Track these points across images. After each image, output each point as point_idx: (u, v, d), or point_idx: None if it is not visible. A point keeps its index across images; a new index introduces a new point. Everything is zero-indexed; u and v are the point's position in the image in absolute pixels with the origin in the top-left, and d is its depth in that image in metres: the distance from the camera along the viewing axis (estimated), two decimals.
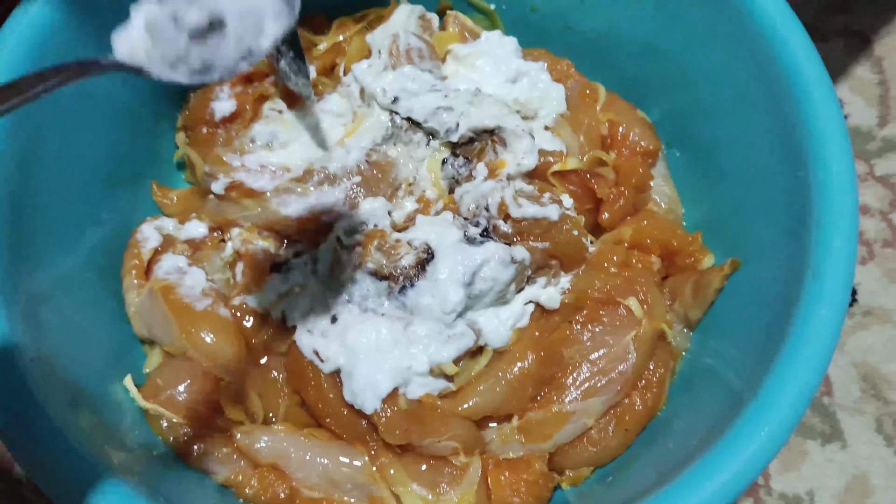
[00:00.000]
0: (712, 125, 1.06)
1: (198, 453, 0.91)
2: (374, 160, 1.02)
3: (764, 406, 0.78)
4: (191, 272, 1.00)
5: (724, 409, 0.85)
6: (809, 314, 0.79)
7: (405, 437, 0.90)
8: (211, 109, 1.06)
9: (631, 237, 1.03)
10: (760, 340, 0.88)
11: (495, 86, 1.10)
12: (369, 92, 1.05)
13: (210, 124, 1.07)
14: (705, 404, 0.93)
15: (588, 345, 0.96)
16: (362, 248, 0.95)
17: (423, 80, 1.05)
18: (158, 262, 1.01)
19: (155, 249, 1.02)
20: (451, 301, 0.91)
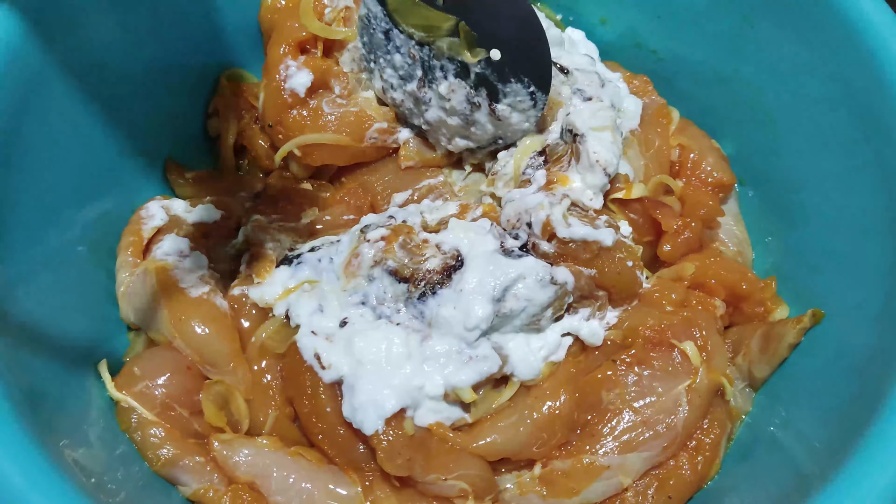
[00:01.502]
0: (795, 162, 0.96)
1: (166, 458, 0.80)
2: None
3: (841, 496, 0.64)
4: (193, 256, 0.91)
5: (789, 491, 0.72)
6: None
7: (407, 469, 0.78)
8: (290, 90, 0.97)
9: (694, 275, 0.91)
10: (843, 413, 0.75)
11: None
12: None
13: (297, 104, 0.98)
14: (766, 481, 0.80)
15: (633, 390, 0.84)
16: (385, 242, 0.85)
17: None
18: (159, 242, 0.93)
19: (158, 228, 0.94)
20: (475, 316, 0.80)
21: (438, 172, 1.00)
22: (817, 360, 0.84)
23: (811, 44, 0.90)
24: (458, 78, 0.87)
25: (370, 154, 1.00)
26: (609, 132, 0.93)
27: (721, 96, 1.05)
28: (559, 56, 1.02)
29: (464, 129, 0.92)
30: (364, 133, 0.98)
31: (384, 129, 0.99)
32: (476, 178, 1.00)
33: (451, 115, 0.90)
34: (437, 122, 0.92)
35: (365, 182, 1.00)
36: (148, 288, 0.88)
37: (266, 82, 0.99)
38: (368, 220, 0.91)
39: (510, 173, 0.95)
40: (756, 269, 1.00)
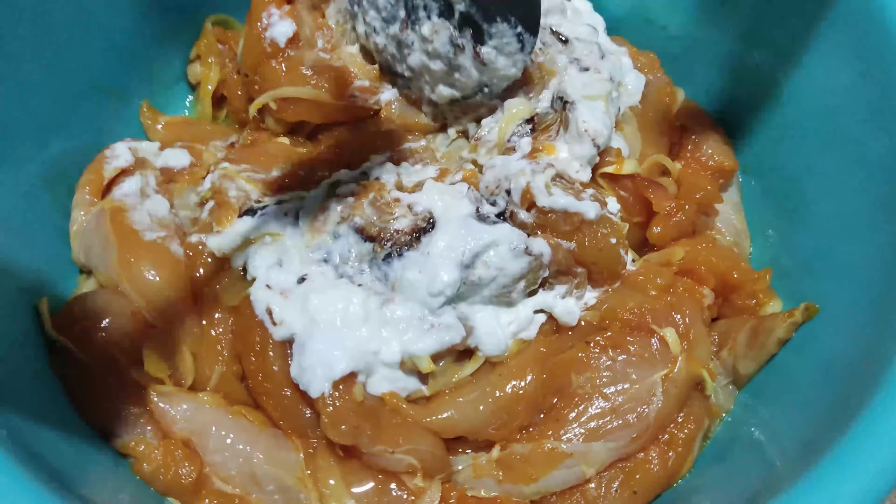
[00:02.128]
0: (801, 151, 0.90)
1: (98, 407, 0.75)
2: None
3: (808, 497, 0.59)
4: (153, 199, 0.87)
5: (760, 495, 0.66)
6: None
7: (352, 437, 0.73)
8: (270, 38, 0.93)
9: (683, 260, 0.86)
10: (826, 417, 0.69)
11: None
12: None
13: (277, 54, 0.94)
14: (740, 485, 0.74)
15: (605, 375, 0.78)
16: (355, 198, 0.81)
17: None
18: (121, 183, 0.88)
19: (122, 170, 0.90)
20: (440, 281, 0.75)
21: (421, 137, 0.95)
22: (807, 359, 0.78)
23: (831, 27, 0.84)
24: (442, 17, 0.82)
25: (350, 113, 0.95)
26: (602, 101, 0.87)
27: (730, 79, 1.00)
28: (559, 24, 0.97)
29: (447, 75, 0.86)
30: (345, 90, 0.93)
31: (366, 88, 0.94)
32: (460, 145, 0.95)
33: (434, 59, 0.85)
34: (420, 68, 0.87)
35: (342, 141, 0.95)
36: (101, 228, 0.83)
37: (247, 29, 0.95)
38: (340, 175, 0.87)
39: (494, 140, 0.90)
40: (753, 262, 0.94)
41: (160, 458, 0.74)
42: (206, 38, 1.05)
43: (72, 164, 0.91)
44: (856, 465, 0.59)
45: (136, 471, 0.74)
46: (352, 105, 0.94)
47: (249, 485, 0.75)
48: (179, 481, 0.73)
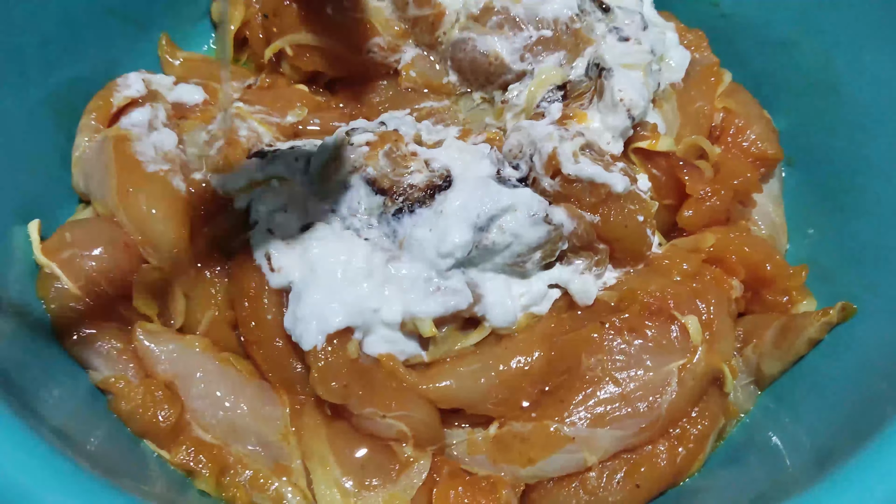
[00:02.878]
0: (857, 142, 0.85)
1: (80, 337, 0.72)
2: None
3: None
4: (161, 132, 0.83)
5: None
6: None
7: (342, 396, 0.69)
8: None
9: (713, 247, 0.80)
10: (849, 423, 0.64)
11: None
12: None
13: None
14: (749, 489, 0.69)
15: (618, 359, 0.74)
16: (370, 148, 0.77)
17: None
18: (129, 112, 0.85)
19: (132, 100, 0.87)
20: (451, 241, 0.71)
21: (444, 98, 0.91)
22: (839, 364, 0.73)
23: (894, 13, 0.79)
24: None
25: (368, 69, 0.91)
26: (640, 72, 0.82)
27: (782, 63, 0.94)
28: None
29: None
30: (363, 45, 0.89)
31: (386, 46, 0.90)
32: (484, 109, 0.91)
33: None
34: None
35: (361, 94, 0.91)
36: (103, 155, 0.80)
37: None
38: (357, 123, 0.83)
39: (522, 104, 0.85)
40: (789, 260, 0.88)
41: (140, 397, 0.70)
42: None
43: (82, 91, 0.88)
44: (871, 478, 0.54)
45: (114, 408, 0.71)
46: (369, 61, 0.90)
47: (229, 436, 0.71)
48: (157, 424, 0.70)
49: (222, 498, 0.70)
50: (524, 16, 0.85)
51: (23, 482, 0.51)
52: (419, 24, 0.88)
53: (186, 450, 0.70)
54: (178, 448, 0.70)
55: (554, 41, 0.84)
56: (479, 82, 0.88)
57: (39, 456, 0.53)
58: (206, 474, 0.69)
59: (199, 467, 0.70)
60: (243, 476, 0.70)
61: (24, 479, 0.51)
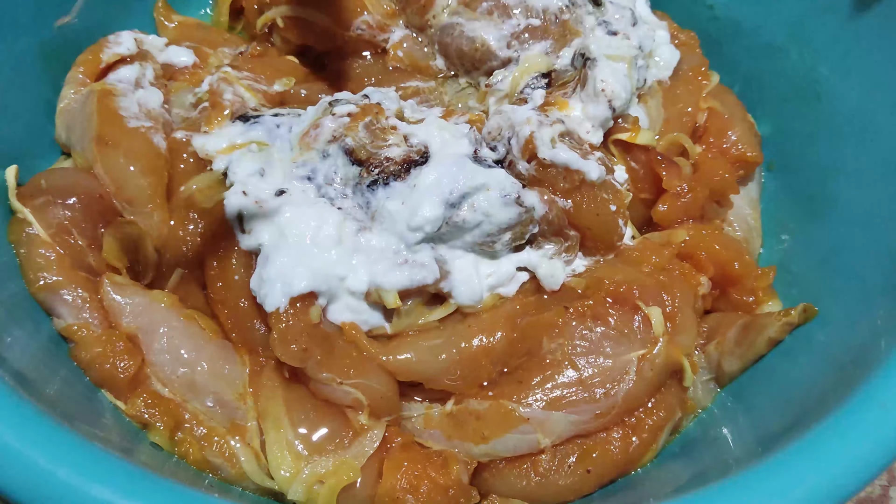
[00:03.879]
0: (835, 148, 0.85)
1: (47, 283, 0.73)
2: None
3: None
4: (147, 90, 0.84)
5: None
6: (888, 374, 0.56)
7: (300, 359, 0.69)
8: None
9: (684, 243, 0.81)
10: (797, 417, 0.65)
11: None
12: None
13: None
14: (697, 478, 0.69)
15: (579, 344, 0.74)
16: (351, 119, 0.77)
17: None
18: (117, 69, 0.86)
19: (122, 57, 0.87)
20: (421, 215, 0.72)
21: (430, 79, 0.91)
22: (796, 365, 0.74)
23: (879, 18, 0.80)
24: None
25: (356, 46, 0.92)
26: (625, 64, 0.83)
27: (769, 69, 0.95)
28: None
29: None
30: (352, 21, 0.90)
31: (375, 24, 0.91)
32: (469, 93, 0.91)
33: None
34: None
35: (348, 69, 0.92)
36: (86, 107, 0.81)
37: None
38: (341, 95, 0.83)
39: (506, 89, 0.86)
40: (760, 264, 0.90)
41: (100, 347, 0.71)
42: None
43: (72, 44, 0.89)
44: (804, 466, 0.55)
45: (74, 356, 0.72)
46: (358, 38, 0.91)
47: (188, 392, 0.72)
48: (116, 374, 0.70)
49: (174, 452, 0.70)
50: (514, 3, 0.86)
51: None
52: (410, 5, 0.89)
53: (143, 402, 0.70)
54: (134, 400, 0.71)
55: (542, 30, 0.85)
56: (465, 68, 0.89)
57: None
58: (161, 428, 0.70)
59: (153, 421, 0.70)
60: (198, 432, 0.71)
61: None
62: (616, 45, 0.85)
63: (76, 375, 0.71)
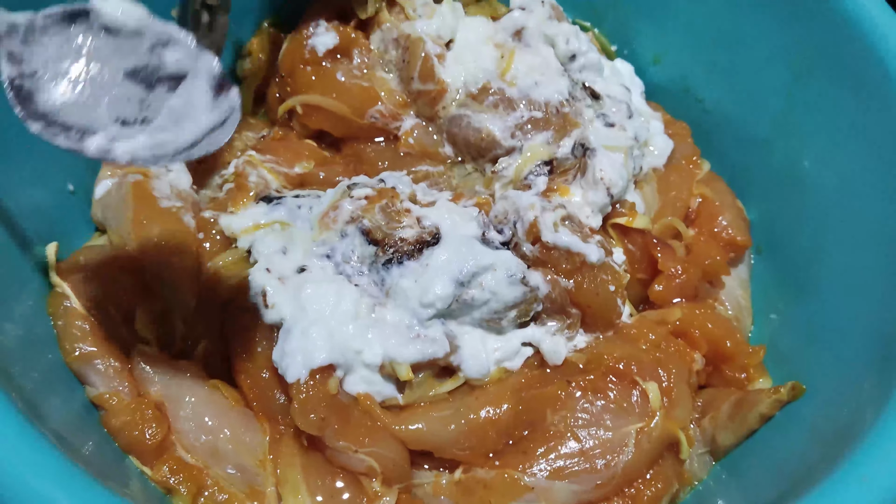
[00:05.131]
0: (818, 233, 0.92)
1: (82, 353, 0.78)
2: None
3: None
4: (177, 172, 0.91)
5: None
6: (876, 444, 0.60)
7: (319, 428, 0.74)
8: (311, 46, 0.99)
9: (679, 321, 0.86)
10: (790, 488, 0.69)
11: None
12: (549, 34, 0.98)
13: (312, 61, 0.99)
14: None
15: (581, 417, 0.79)
16: (368, 202, 0.83)
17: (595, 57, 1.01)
18: None
19: None
20: (433, 293, 0.77)
21: (439, 164, 0.98)
22: (787, 439, 0.78)
23: (857, 112, 0.87)
24: None
25: (369, 132, 1.00)
26: (622, 154, 0.90)
27: (756, 158, 1.02)
28: (594, 81, 1.01)
29: None
30: (366, 110, 0.98)
31: (388, 113, 0.98)
32: (475, 178, 0.98)
33: None
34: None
35: (362, 153, 0.99)
36: (122, 189, 0.87)
37: (293, 34, 1.01)
38: (359, 179, 0.90)
39: (510, 176, 0.92)
40: (751, 342, 0.95)
41: (130, 416, 0.75)
42: (260, 37, 1.10)
43: None
44: None
45: (105, 423, 0.76)
46: (371, 125, 0.98)
47: (210, 458, 0.76)
48: (144, 440, 0.74)
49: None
50: (518, 97, 0.93)
51: (22, 473, 0.55)
52: (421, 97, 0.96)
53: (168, 468, 0.74)
54: (160, 465, 0.75)
55: (544, 122, 0.92)
56: (472, 155, 0.96)
57: (40, 450, 0.57)
58: (184, 493, 0.73)
59: (178, 486, 0.74)
60: (219, 498, 0.75)
61: (24, 470, 0.56)
62: (613, 137, 0.92)
63: (106, 442, 0.75)
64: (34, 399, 0.68)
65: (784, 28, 0.95)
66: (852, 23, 0.87)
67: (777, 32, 0.96)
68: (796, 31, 0.94)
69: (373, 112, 0.98)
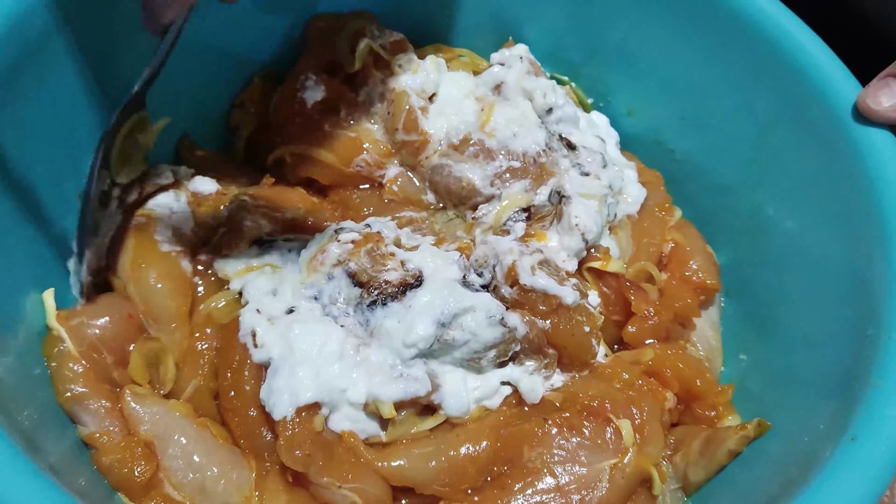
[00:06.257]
0: (781, 278, 0.95)
1: (74, 393, 0.79)
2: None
3: None
4: (182, 214, 0.93)
5: None
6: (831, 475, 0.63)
7: (304, 464, 0.76)
8: (300, 98, 1.03)
9: (651, 361, 0.90)
10: None
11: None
12: (527, 88, 1.02)
13: (301, 113, 1.03)
14: None
15: (556, 453, 0.81)
16: (354, 246, 0.87)
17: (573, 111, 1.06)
18: (156, 196, 0.95)
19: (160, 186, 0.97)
20: (415, 333, 0.80)
21: (422, 210, 1.02)
22: (753, 475, 0.81)
23: (816, 164, 0.91)
24: None
25: (355, 179, 1.03)
26: (596, 202, 0.94)
27: (724, 205, 1.06)
28: (570, 133, 1.05)
29: None
30: (352, 158, 1.02)
31: (372, 162, 1.02)
32: (456, 224, 1.02)
33: None
34: None
35: (348, 200, 1.02)
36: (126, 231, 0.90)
37: (283, 87, 1.05)
38: (346, 224, 0.93)
39: (490, 222, 0.96)
40: (722, 381, 0.98)
41: (120, 454, 0.77)
42: (251, 90, 1.14)
43: None
44: None
45: (96, 462, 0.77)
46: (356, 174, 1.02)
47: (198, 495, 0.77)
48: (133, 478, 0.76)
49: None
50: (497, 148, 0.97)
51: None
52: (405, 147, 1.01)
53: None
54: (149, 503, 0.76)
55: (521, 171, 0.96)
56: (453, 202, 0.99)
57: (40, 483, 0.60)
58: None
59: None
60: None
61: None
62: (588, 185, 0.96)
63: (96, 479, 0.76)
64: (33, 438, 0.70)
65: (750, 83, 1.00)
66: (811, 81, 0.91)
67: (743, 87, 1.01)
68: (761, 86, 0.98)
69: (358, 161, 1.02)
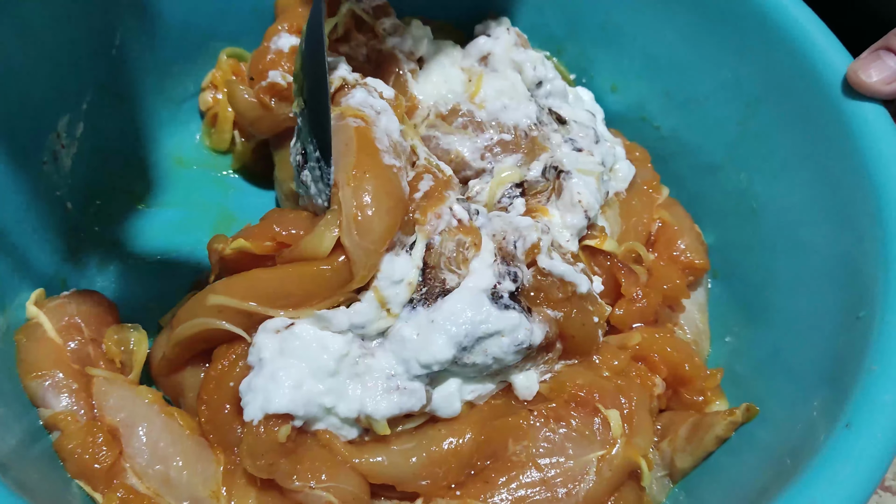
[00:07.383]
0: (768, 259, 0.90)
1: (40, 373, 0.74)
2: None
3: None
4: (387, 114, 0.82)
5: None
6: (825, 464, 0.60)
7: (267, 472, 0.69)
8: (276, 48, 0.95)
9: (638, 345, 0.86)
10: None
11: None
12: (516, 60, 0.97)
13: (279, 60, 0.95)
14: None
15: (542, 446, 0.76)
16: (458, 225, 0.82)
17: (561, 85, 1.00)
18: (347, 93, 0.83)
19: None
20: (432, 355, 0.72)
21: None
22: (742, 461, 0.77)
23: (805, 141, 0.86)
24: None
25: None
26: (594, 179, 0.89)
27: (711, 184, 1.01)
28: (560, 106, 1.00)
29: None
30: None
31: None
32: None
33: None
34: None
35: None
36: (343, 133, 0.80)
37: (257, 49, 0.98)
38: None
39: (484, 199, 0.90)
40: (708, 365, 0.94)
41: (82, 438, 0.70)
42: (220, 68, 1.08)
43: None
44: None
45: (58, 446, 0.71)
46: None
47: (162, 487, 0.71)
48: (93, 465, 0.70)
49: None
50: (487, 120, 0.90)
51: None
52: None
53: (119, 497, 0.70)
54: (111, 493, 0.70)
55: (513, 144, 0.90)
56: None
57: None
58: None
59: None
60: None
61: None
62: (584, 161, 0.90)
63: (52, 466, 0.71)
64: None
65: (736, 59, 0.94)
66: (800, 55, 0.86)
67: (729, 63, 0.95)
68: (748, 62, 0.93)
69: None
